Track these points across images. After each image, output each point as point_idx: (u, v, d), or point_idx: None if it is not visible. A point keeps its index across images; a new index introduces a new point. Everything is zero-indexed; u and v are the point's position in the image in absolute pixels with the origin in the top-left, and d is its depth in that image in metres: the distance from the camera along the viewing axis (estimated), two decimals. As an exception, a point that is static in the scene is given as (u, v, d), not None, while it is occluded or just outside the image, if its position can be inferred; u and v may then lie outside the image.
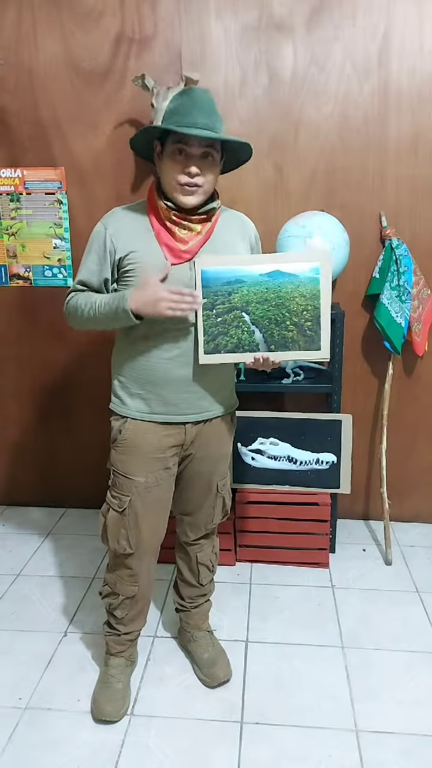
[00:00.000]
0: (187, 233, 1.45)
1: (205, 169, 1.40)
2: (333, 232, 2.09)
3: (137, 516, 1.57)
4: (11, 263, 2.53)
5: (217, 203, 1.50)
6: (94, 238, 1.50)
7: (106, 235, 1.47)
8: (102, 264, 1.48)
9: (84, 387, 2.62)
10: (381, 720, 1.62)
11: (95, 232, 1.50)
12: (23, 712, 1.66)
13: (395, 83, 2.21)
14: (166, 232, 1.45)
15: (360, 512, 2.67)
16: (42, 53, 2.29)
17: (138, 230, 1.47)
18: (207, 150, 1.40)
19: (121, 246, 1.46)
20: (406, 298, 2.23)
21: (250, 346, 1.46)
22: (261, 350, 1.46)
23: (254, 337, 1.45)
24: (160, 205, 1.45)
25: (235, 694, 1.72)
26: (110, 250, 1.47)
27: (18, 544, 2.52)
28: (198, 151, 1.39)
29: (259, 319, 1.45)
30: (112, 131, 2.34)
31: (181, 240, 1.45)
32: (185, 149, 1.38)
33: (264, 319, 1.45)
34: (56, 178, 2.41)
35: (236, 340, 1.45)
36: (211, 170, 1.42)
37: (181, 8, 2.21)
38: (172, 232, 1.44)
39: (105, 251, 1.47)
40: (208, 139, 1.38)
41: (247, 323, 1.45)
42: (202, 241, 1.47)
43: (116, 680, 1.69)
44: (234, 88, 2.26)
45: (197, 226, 1.46)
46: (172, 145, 1.40)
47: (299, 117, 2.26)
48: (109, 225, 1.49)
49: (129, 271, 1.46)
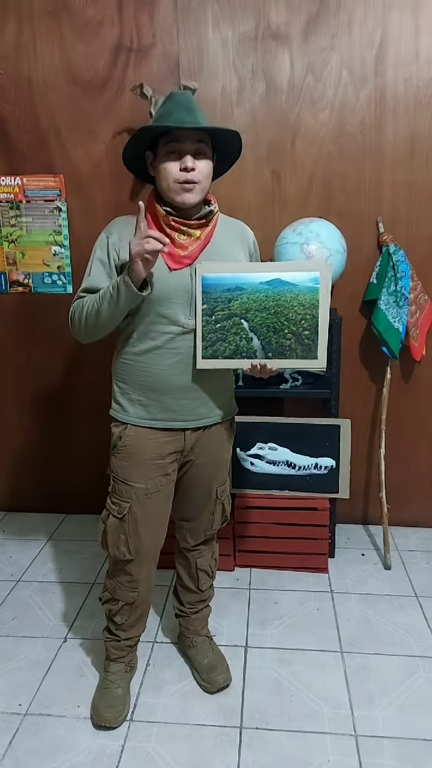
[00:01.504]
0: (187, 239, 1.47)
1: (199, 165, 1.43)
2: (330, 239, 2.10)
3: (137, 522, 1.58)
4: (11, 270, 2.54)
5: (215, 207, 1.52)
6: (97, 248, 1.52)
7: (108, 243, 1.49)
8: (108, 271, 1.49)
9: (84, 393, 2.63)
10: (380, 725, 1.63)
11: (98, 242, 1.53)
12: (23, 718, 1.66)
13: (391, 91, 2.23)
14: (166, 239, 1.46)
15: (359, 517, 2.67)
16: (41, 63, 2.31)
17: None
18: (198, 146, 1.43)
19: (123, 253, 1.47)
20: (403, 304, 2.24)
21: (247, 352, 1.47)
22: (258, 357, 1.47)
23: (252, 344, 1.47)
24: (159, 212, 1.46)
25: (235, 699, 1.72)
26: (113, 257, 1.49)
27: (18, 550, 2.53)
28: (191, 147, 1.42)
29: (258, 326, 1.46)
30: (111, 140, 2.36)
31: (181, 245, 1.46)
32: (177, 147, 1.41)
33: (262, 326, 1.46)
34: (55, 186, 2.43)
35: (234, 347, 1.47)
36: (205, 166, 1.45)
37: (178, 18, 2.23)
38: (171, 238, 1.46)
39: (109, 259, 1.49)
40: (197, 132, 1.41)
41: (246, 330, 1.46)
42: (202, 246, 1.48)
43: (116, 686, 1.69)
44: (231, 97, 2.28)
45: (196, 231, 1.47)
46: (164, 147, 1.43)
47: (296, 125, 2.28)
48: (111, 233, 1.51)
49: None
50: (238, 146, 1.53)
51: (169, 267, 1.46)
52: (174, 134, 1.41)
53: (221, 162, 1.55)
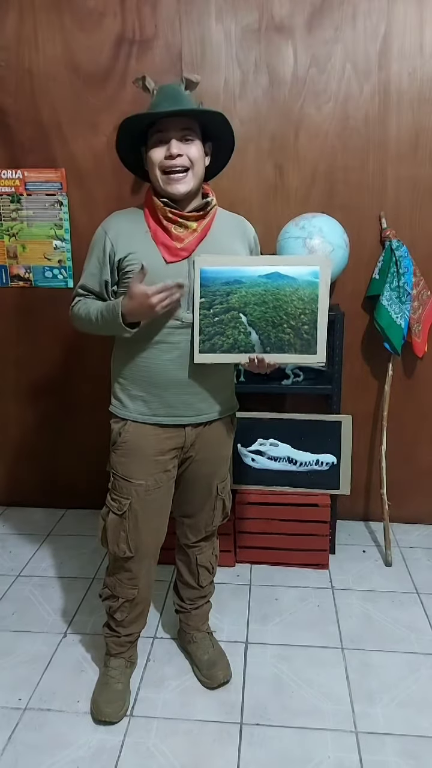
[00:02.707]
0: (183, 231, 1.46)
1: (186, 150, 1.42)
2: (333, 234, 2.09)
3: (137, 519, 1.57)
4: (12, 264, 2.53)
5: (212, 200, 1.51)
6: (94, 243, 1.53)
7: (106, 238, 1.49)
8: (102, 267, 1.50)
9: (84, 388, 2.62)
10: (381, 721, 1.62)
11: (96, 237, 1.53)
12: (23, 713, 1.66)
13: (395, 84, 2.21)
14: (162, 231, 1.46)
15: (360, 513, 2.67)
16: (43, 55, 2.29)
17: (136, 232, 1.48)
18: (184, 132, 1.43)
19: (120, 248, 1.47)
20: (406, 300, 2.23)
21: (246, 347, 1.46)
22: (257, 352, 1.46)
23: (250, 338, 1.45)
24: (156, 204, 1.46)
25: (235, 695, 1.72)
26: (110, 252, 1.48)
27: (18, 544, 2.52)
28: (176, 135, 1.42)
29: (256, 320, 1.45)
30: (113, 132, 2.30)
31: (177, 238, 1.45)
32: (163, 136, 1.42)
33: (261, 320, 1.45)
34: (57, 179, 2.41)
35: (232, 341, 1.45)
36: (194, 149, 1.44)
37: (181, 10, 2.21)
38: (168, 231, 1.45)
39: (105, 254, 1.49)
40: (183, 119, 1.41)
41: (244, 324, 1.45)
42: (199, 239, 1.47)
43: (116, 681, 1.69)
44: (234, 90, 2.26)
45: (193, 223, 1.46)
46: (152, 138, 1.44)
47: (299, 118, 2.26)
48: (109, 228, 1.50)
49: (129, 272, 1.47)
50: (229, 130, 1.50)
51: (165, 260, 1.45)
52: (159, 124, 1.42)
53: (219, 151, 1.54)
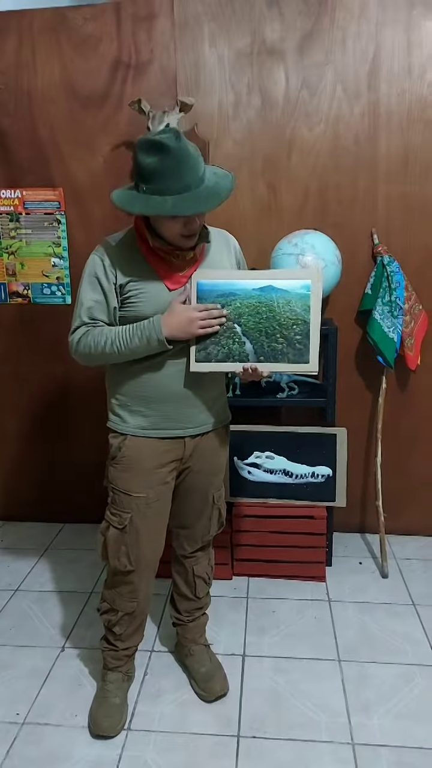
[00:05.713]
0: (182, 261, 1.50)
1: (201, 217, 1.45)
2: (325, 250, 2.13)
3: (138, 532, 1.59)
4: (10, 281, 2.57)
5: (207, 229, 1.54)
6: (92, 271, 1.50)
7: (104, 265, 1.49)
8: (107, 294, 1.49)
9: (82, 403, 2.65)
10: (377, 733, 1.63)
11: (93, 265, 1.50)
12: (21, 727, 1.66)
13: (385, 105, 2.27)
14: (162, 262, 1.49)
15: (356, 525, 2.68)
16: (41, 78, 2.36)
17: (132, 260, 1.49)
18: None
19: (120, 274, 1.48)
20: (398, 314, 2.27)
21: (240, 356, 1.49)
22: (251, 361, 1.49)
23: (245, 347, 1.49)
24: (152, 244, 1.47)
25: (232, 708, 1.72)
26: (111, 279, 1.48)
27: (16, 559, 2.53)
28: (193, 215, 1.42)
29: (250, 330, 1.49)
30: (110, 153, 2.39)
31: (178, 267, 1.49)
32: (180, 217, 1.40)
33: (255, 330, 1.49)
34: (55, 199, 2.46)
35: (227, 350, 1.49)
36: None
37: (176, 35, 2.28)
38: (167, 262, 1.49)
39: (107, 280, 1.48)
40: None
41: (239, 334, 1.49)
42: (197, 265, 1.52)
43: (113, 695, 1.69)
44: (228, 111, 2.32)
45: (190, 252, 1.50)
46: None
47: (292, 138, 2.32)
48: (105, 256, 1.50)
49: (130, 298, 1.49)
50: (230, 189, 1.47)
51: (168, 288, 1.49)
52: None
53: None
